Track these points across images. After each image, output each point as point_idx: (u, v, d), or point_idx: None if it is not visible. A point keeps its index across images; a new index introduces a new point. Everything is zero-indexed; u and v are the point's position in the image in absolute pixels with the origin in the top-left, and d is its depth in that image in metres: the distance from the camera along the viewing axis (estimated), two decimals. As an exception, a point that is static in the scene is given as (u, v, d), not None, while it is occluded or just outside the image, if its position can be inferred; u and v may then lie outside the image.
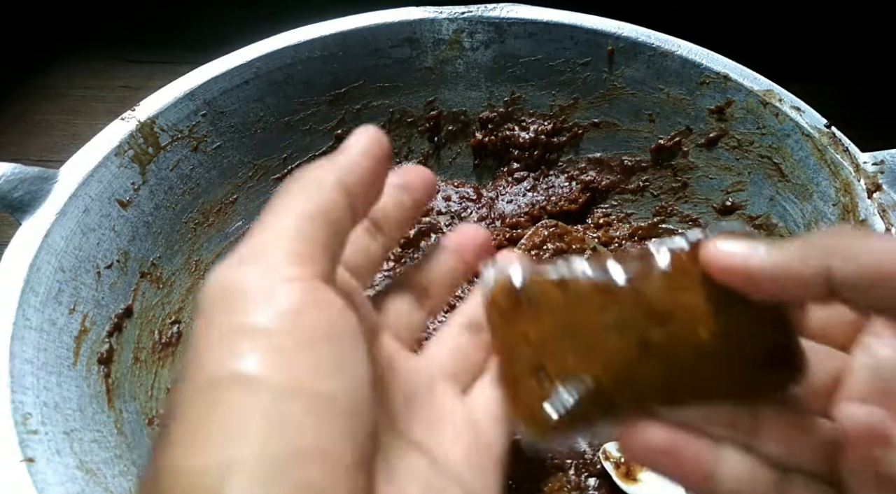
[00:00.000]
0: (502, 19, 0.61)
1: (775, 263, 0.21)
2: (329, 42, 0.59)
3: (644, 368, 0.23)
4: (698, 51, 0.57)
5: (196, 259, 0.56)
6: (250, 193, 0.60)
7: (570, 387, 0.23)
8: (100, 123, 0.51)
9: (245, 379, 0.18)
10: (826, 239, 0.20)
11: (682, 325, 0.23)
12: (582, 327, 0.24)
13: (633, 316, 0.23)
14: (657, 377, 0.23)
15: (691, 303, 0.23)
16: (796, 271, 0.20)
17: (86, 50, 0.89)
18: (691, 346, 0.23)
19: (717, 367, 0.23)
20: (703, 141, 0.59)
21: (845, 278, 0.20)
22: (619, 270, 0.24)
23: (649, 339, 0.23)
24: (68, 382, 0.42)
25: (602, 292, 0.24)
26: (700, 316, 0.23)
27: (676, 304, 0.23)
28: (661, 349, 0.23)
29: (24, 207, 0.45)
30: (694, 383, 0.23)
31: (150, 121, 0.52)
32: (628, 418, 0.23)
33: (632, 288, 0.24)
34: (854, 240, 0.20)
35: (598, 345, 0.23)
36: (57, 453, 0.37)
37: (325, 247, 0.21)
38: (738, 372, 0.23)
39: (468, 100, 0.65)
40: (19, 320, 0.40)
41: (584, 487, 0.49)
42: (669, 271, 0.24)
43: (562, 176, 0.66)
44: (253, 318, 0.19)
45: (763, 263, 0.21)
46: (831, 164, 0.50)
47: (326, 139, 0.63)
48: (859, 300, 0.20)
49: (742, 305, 0.23)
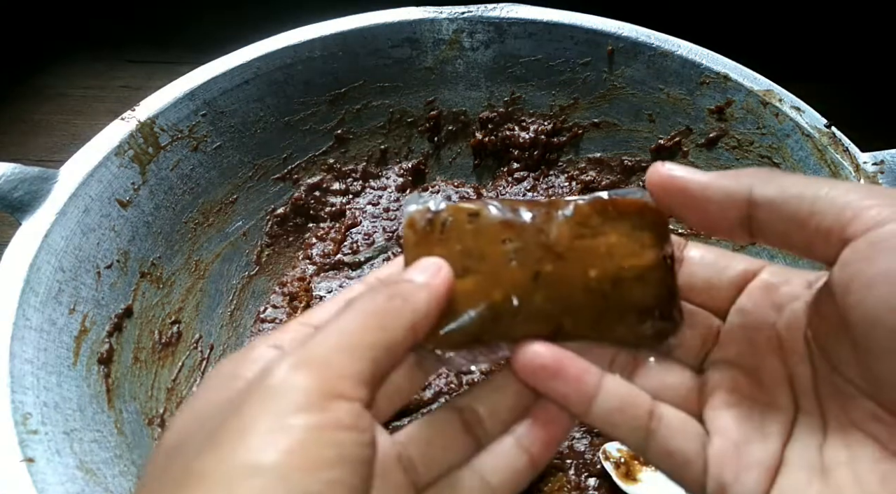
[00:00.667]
0: (502, 19, 0.61)
1: (709, 178, 0.24)
2: (329, 42, 0.59)
3: (536, 296, 0.26)
4: (698, 51, 0.57)
5: (196, 259, 0.56)
6: (250, 193, 0.60)
7: (465, 305, 0.25)
8: (100, 123, 0.51)
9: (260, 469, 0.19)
10: (753, 169, 0.24)
11: (575, 263, 0.26)
12: (485, 254, 0.26)
13: (532, 249, 0.26)
14: (547, 306, 0.26)
15: (586, 246, 0.26)
16: (725, 185, 0.24)
17: (86, 50, 0.89)
18: (581, 283, 0.26)
19: (602, 307, 0.26)
20: (703, 141, 0.59)
21: (763, 195, 0.23)
22: (526, 211, 0.27)
23: (542, 270, 0.26)
24: (68, 382, 0.42)
25: (508, 226, 0.27)
26: (592, 259, 0.26)
27: (572, 246, 0.26)
28: (553, 281, 0.26)
29: (24, 207, 0.45)
30: (581, 318, 0.26)
31: (150, 121, 0.52)
32: (520, 342, 0.26)
33: (535, 225, 0.27)
34: (773, 171, 0.24)
35: (497, 271, 0.26)
36: (57, 453, 0.37)
37: (379, 377, 0.23)
38: (621, 316, 0.26)
39: (468, 100, 0.65)
40: (19, 320, 0.40)
41: (584, 487, 0.49)
42: (571, 217, 0.27)
43: (562, 176, 0.66)
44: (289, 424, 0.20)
45: (700, 178, 0.25)
46: (831, 164, 0.50)
47: (326, 139, 0.63)
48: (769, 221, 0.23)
49: (632, 258, 0.26)
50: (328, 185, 0.64)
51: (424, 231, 0.27)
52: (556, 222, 0.27)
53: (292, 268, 0.62)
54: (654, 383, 0.27)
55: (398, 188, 0.65)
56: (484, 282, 0.26)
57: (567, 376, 0.25)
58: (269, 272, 0.61)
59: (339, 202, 0.64)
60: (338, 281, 0.59)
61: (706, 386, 0.27)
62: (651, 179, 0.26)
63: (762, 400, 0.25)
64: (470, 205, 0.27)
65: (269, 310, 0.60)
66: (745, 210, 0.24)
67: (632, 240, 0.26)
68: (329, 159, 0.64)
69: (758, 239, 0.24)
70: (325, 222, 0.63)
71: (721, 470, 0.24)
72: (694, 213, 0.25)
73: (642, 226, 0.27)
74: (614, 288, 0.26)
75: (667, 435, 0.25)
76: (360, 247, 0.61)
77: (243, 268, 0.60)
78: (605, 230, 0.26)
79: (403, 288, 0.25)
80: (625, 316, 0.26)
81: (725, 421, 0.25)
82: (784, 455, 0.24)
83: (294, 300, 0.59)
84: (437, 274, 0.25)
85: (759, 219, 0.23)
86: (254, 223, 0.61)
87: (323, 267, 0.61)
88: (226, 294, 0.58)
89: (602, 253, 0.26)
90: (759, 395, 0.26)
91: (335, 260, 0.61)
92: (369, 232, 0.62)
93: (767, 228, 0.24)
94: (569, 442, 0.51)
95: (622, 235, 0.26)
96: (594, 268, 0.26)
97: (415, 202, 0.27)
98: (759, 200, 0.23)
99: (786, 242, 0.24)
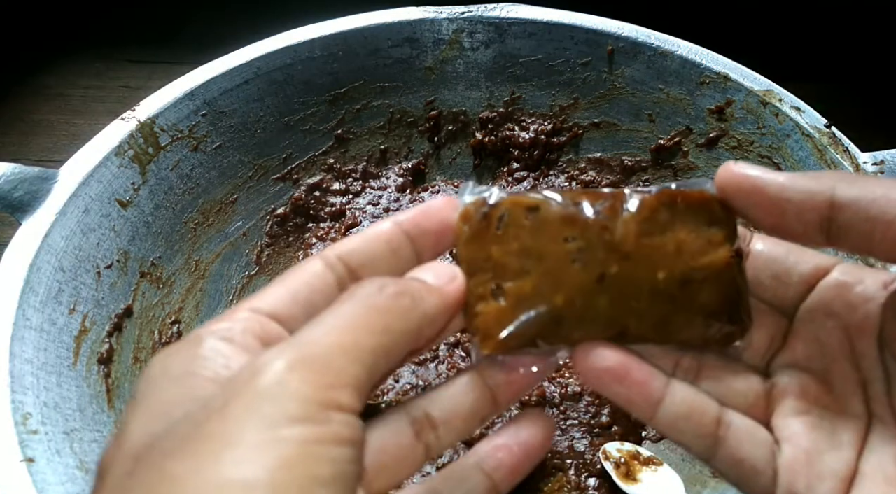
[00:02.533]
0: (502, 19, 0.61)
1: (787, 178, 0.23)
2: (329, 42, 0.59)
3: (599, 300, 0.24)
4: (698, 51, 0.57)
5: (196, 259, 0.56)
6: (250, 193, 0.60)
7: (525, 308, 0.24)
8: (100, 123, 0.51)
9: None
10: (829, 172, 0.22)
11: (642, 264, 0.24)
12: (545, 253, 0.24)
13: (596, 249, 0.25)
14: (611, 310, 0.24)
15: (655, 245, 0.25)
16: (805, 186, 0.22)
17: (86, 50, 0.89)
18: (648, 286, 0.24)
19: (668, 310, 0.25)
20: (703, 141, 0.59)
21: (847, 196, 0.22)
22: (589, 206, 0.25)
23: (608, 272, 0.24)
24: (68, 382, 0.42)
25: (570, 223, 0.25)
26: (660, 258, 0.25)
27: (640, 244, 0.25)
28: (619, 283, 0.24)
29: (24, 207, 0.45)
30: (646, 321, 0.25)
31: (150, 121, 0.52)
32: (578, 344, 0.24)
33: (599, 222, 0.25)
34: (852, 174, 0.22)
35: (558, 272, 0.24)
36: (57, 453, 0.37)
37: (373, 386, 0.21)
38: (688, 319, 0.25)
39: (468, 100, 0.65)
40: (19, 320, 0.40)
41: (584, 487, 0.49)
42: (638, 212, 0.25)
43: (562, 176, 0.66)
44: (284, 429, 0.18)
45: (777, 178, 0.23)
46: (831, 164, 0.50)
47: (326, 139, 0.63)
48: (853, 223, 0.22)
49: (702, 256, 0.25)
50: (328, 185, 0.64)
51: (480, 225, 0.25)
52: (622, 218, 0.25)
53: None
54: (721, 388, 0.26)
55: (398, 188, 0.65)
56: (544, 285, 0.24)
57: (632, 381, 0.24)
58: (269, 272, 0.61)
59: (339, 202, 0.64)
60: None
61: (774, 390, 0.26)
62: (722, 178, 0.24)
63: (834, 407, 0.24)
64: (530, 197, 0.25)
65: (269, 310, 0.60)
66: (825, 212, 0.22)
67: (700, 237, 0.25)
68: (329, 159, 0.64)
69: (836, 243, 0.23)
70: (325, 222, 0.63)
71: (792, 480, 0.23)
72: (769, 215, 0.23)
73: (711, 220, 0.25)
74: (682, 290, 0.25)
75: (735, 443, 0.24)
76: (360, 246, 0.61)
77: (243, 268, 0.60)
78: (674, 225, 0.25)
79: (413, 287, 0.22)
80: (692, 318, 0.25)
81: (796, 429, 0.24)
82: (858, 465, 0.23)
83: (294, 300, 0.59)
84: (451, 281, 0.24)
85: (841, 221, 0.22)
86: (254, 223, 0.61)
87: (323, 267, 0.61)
88: (226, 294, 0.58)
89: (670, 251, 0.25)
90: (830, 401, 0.25)
91: (335, 260, 0.61)
92: (369, 232, 0.62)
93: (850, 231, 0.22)
94: (569, 442, 0.51)
95: (691, 231, 0.25)
96: (662, 270, 0.25)
97: (470, 192, 0.25)
98: (842, 201, 0.22)
99: (867, 246, 0.22)
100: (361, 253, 0.24)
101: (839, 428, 0.24)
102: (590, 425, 0.52)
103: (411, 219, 0.24)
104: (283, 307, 0.22)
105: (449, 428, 0.24)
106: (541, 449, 0.25)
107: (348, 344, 0.20)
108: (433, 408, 0.24)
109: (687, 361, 0.26)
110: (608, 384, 0.24)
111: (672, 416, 0.24)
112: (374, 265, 0.24)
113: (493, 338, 0.24)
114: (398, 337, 0.21)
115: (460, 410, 0.24)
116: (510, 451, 0.24)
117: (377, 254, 0.24)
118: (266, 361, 0.19)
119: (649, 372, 0.24)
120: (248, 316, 0.22)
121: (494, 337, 0.24)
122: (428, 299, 0.23)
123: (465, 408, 0.24)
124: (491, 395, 0.24)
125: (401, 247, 0.24)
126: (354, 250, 0.24)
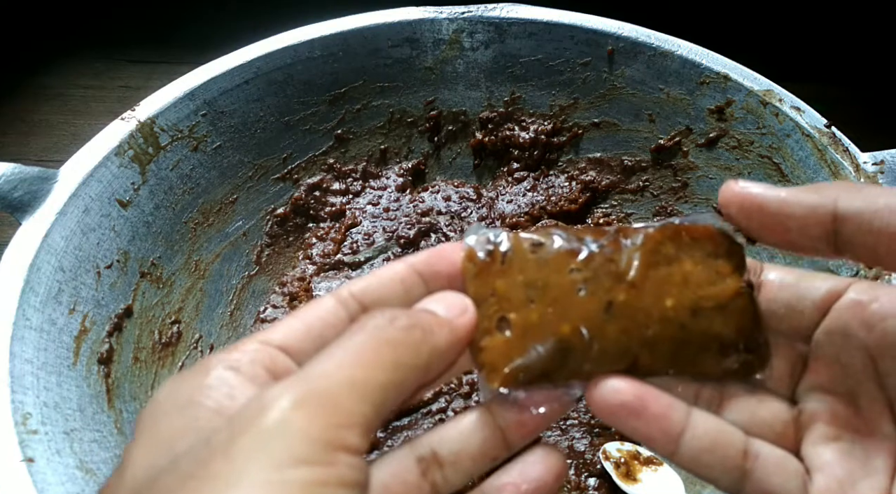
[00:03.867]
0: (502, 19, 0.61)
1: (788, 194, 0.23)
2: (329, 42, 0.59)
3: (609, 328, 0.24)
4: (698, 51, 0.57)
5: (196, 259, 0.56)
6: (250, 193, 0.60)
7: (531, 338, 0.24)
8: (100, 123, 0.51)
9: None
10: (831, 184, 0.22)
11: (650, 292, 0.24)
12: (551, 284, 0.24)
13: (602, 279, 0.24)
14: (621, 339, 0.24)
15: (661, 275, 0.24)
16: (807, 200, 0.22)
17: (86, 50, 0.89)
18: (657, 313, 0.24)
19: (681, 339, 0.24)
20: (703, 141, 0.59)
21: (850, 208, 0.22)
22: (592, 241, 0.25)
23: (615, 300, 0.24)
24: (68, 382, 0.42)
25: (574, 255, 0.25)
26: (668, 287, 0.24)
27: (645, 274, 0.24)
28: (627, 311, 0.24)
29: (24, 207, 0.45)
30: (659, 352, 0.24)
31: (150, 121, 0.52)
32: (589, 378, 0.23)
33: (603, 254, 0.25)
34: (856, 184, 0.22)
35: (564, 301, 0.24)
36: (57, 453, 0.37)
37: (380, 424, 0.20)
38: (703, 349, 0.24)
39: (468, 100, 0.65)
40: (19, 320, 0.40)
41: (584, 487, 0.49)
42: (641, 245, 0.25)
43: (562, 176, 0.66)
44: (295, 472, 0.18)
45: (778, 194, 0.23)
46: (831, 164, 0.50)
47: (326, 139, 0.63)
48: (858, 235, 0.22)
49: (710, 286, 0.24)
50: (328, 185, 0.64)
51: (484, 262, 0.25)
52: (626, 250, 0.25)
53: (292, 268, 0.62)
54: (746, 417, 0.25)
55: (398, 188, 0.65)
56: (551, 315, 0.24)
57: (650, 414, 0.23)
58: (269, 272, 0.61)
59: (339, 202, 0.64)
60: (338, 281, 0.59)
61: (802, 417, 0.25)
62: (724, 197, 0.24)
63: (863, 430, 0.24)
64: (533, 234, 0.25)
65: (269, 310, 0.60)
66: (829, 225, 0.22)
67: (708, 268, 0.25)
68: (329, 159, 0.64)
69: (844, 255, 0.23)
70: (325, 222, 0.63)
71: None
72: (773, 232, 0.23)
73: (717, 253, 0.25)
74: (693, 319, 0.24)
75: (764, 475, 0.23)
76: (360, 247, 0.62)
77: (243, 268, 0.60)
78: (680, 257, 0.25)
79: (424, 319, 0.22)
80: (707, 348, 0.24)
81: (827, 457, 0.23)
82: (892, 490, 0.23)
83: (294, 300, 0.59)
84: (462, 313, 0.23)
85: (846, 233, 0.22)
86: (254, 223, 0.61)
87: (323, 267, 0.61)
88: (226, 294, 0.58)
89: (678, 281, 0.24)
90: (859, 424, 0.24)
91: (335, 260, 0.61)
92: (369, 232, 0.62)
93: (856, 242, 0.22)
94: (569, 442, 0.51)
95: (697, 263, 0.25)
96: (670, 298, 0.24)
97: (474, 232, 0.25)
98: (845, 213, 0.22)
99: (875, 257, 0.22)
100: (375, 292, 0.24)
101: (871, 453, 0.23)
102: (590, 425, 0.52)
103: (424, 260, 0.25)
104: (294, 340, 0.22)
105: (456, 468, 0.23)
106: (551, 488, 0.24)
107: (358, 381, 0.19)
108: (441, 447, 0.23)
109: (708, 391, 0.25)
110: (625, 419, 0.23)
111: (695, 450, 0.23)
112: (387, 304, 0.23)
113: (500, 371, 0.23)
114: (408, 371, 0.21)
115: (469, 449, 0.23)
116: (518, 490, 0.23)
117: (390, 294, 0.24)
118: (272, 397, 0.19)
119: (668, 404, 0.23)
120: (257, 348, 0.22)
121: (501, 369, 0.23)
122: (438, 332, 0.22)
123: (474, 448, 0.23)
124: (501, 435, 0.24)
125: (414, 287, 0.24)
126: (367, 288, 0.24)
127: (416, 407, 0.51)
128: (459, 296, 0.24)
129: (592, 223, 0.65)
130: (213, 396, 0.20)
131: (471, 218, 0.64)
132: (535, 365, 0.23)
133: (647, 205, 0.64)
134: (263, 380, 0.21)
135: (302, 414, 0.18)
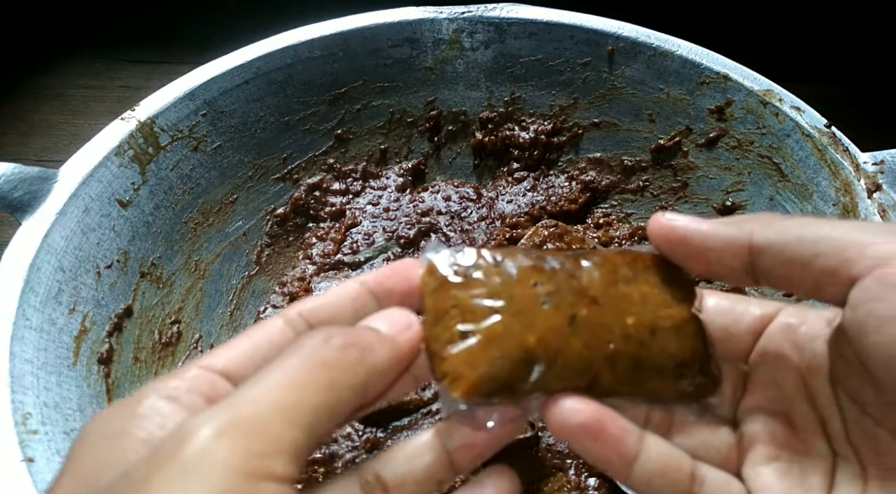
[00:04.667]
0: (502, 19, 0.61)
1: (709, 227, 0.24)
2: (329, 42, 0.59)
3: (573, 341, 0.24)
4: (698, 51, 0.57)
5: (196, 259, 0.56)
6: (250, 193, 0.60)
7: (496, 347, 0.23)
8: (100, 123, 0.51)
9: None
10: (754, 215, 0.24)
11: (611, 309, 0.25)
12: (515, 297, 0.24)
13: (565, 293, 0.25)
14: (585, 353, 0.24)
15: (621, 293, 0.25)
16: (725, 233, 0.24)
17: (86, 50, 0.89)
18: (619, 329, 0.24)
19: (640, 357, 0.24)
20: (703, 141, 0.59)
21: (764, 241, 0.23)
22: (553, 259, 0.26)
23: (578, 314, 0.24)
24: (68, 382, 0.42)
25: (537, 271, 0.25)
26: (628, 305, 0.25)
27: (607, 291, 0.25)
28: (590, 325, 0.24)
29: (24, 207, 0.45)
30: (618, 370, 0.24)
31: (150, 121, 0.52)
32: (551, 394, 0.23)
33: (565, 270, 0.25)
34: (774, 216, 0.24)
35: (529, 313, 0.24)
36: (57, 453, 0.37)
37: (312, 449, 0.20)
38: (660, 370, 0.25)
39: (468, 100, 0.65)
40: (19, 320, 0.40)
41: (584, 487, 0.48)
42: (601, 265, 0.26)
43: (562, 176, 0.66)
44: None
45: (700, 227, 0.24)
46: (831, 164, 0.50)
47: (326, 139, 0.63)
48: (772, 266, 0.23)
49: (666, 308, 0.25)
50: (328, 185, 0.64)
51: (445, 277, 0.24)
52: (587, 269, 0.25)
53: (292, 268, 0.62)
54: (693, 442, 0.25)
55: (398, 188, 0.65)
56: (516, 326, 0.23)
57: (608, 436, 0.23)
58: (269, 272, 0.61)
59: (339, 202, 0.64)
60: (338, 281, 0.59)
61: (744, 439, 0.26)
62: (652, 230, 0.25)
63: (800, 449, 0.25)
64: (495, 251, 0.25)
65: (269, 310, 0.60)
66: (746, 256, 0.23)
67: (663, 292, 0.26)
68: (329, 159, 0.64)
69: (762, 283, 0.24)
70: (325, 222, 0.63)
71: None
72: (697, 263, 0.25)
73: (670, 280, 0.26)
74: (652, 337, 0.25)
75: None
76: (360, 246, 0.62)
77: (243, 268, 0.60)
78: (637, 279, 0.26)
79: (363, 336, 0.21)
80: (663, 369, 0.25)
81: (766, 478, 0.24)
82: None
83: (294, 300, 0.59)
84: (405, 329, 0.23)
85: (762, 264, 0.23)
86: (254, 223, 0.61)
87: (323, 267, 0.61)
88: (226, 294, 0.58)
89: (637, 300, 0.25)
90: (796, 444, 0.25)
91: (335, 260, 0.61)
92: (369, 232, 0.62)
93: (771, 273, 0.23)
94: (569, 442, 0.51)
95: (653, 286, 0.26)
96: (631, 315, 0.25)
97: (433, 249, 0.25)
98: (760, 246, 0.23)
99: (791, 285, 0.23)
100: (324, 311, 0.23)
101: (808, 472, 0.24)
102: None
103: (376, 278, 0.24)
104: (237, 364, 0.22)
105: (401, 492, 0.23)
106: None
107: (287, 404, 0.19)
108: (385, 471, 0.23)
109: (658, 415, 0.26)
110: (582, 441, 0.23)
111: (648, 474, 0.23)
112: (336, 323, 0.23)
113: (465, 379, 0.23)
114: (344, 392, 0.20)
115: (414, 473, 0.23)
116: None
117: (340, 313, 0.23)
118: (194, 427, 0.18)
119: (624, 428, 0.23)
120: (197, 374, 0.21)
121: (466, 377, 0.23)
122: (379, 350, 0.21)
123: (419, 471, 0.23)
124: (448, 459, 0.23)
125: (365, 307, 0.24)
126: (316, 308, 0.23)
127: (416, 407, 0.51)
128: (404, 312, 0.23)
129: (592, 223, 0.65)
130: (145, 426, 0.19)
131: (471, 218, 0.64)
132: (499, 375, 0.23)
133: (647, 205, 0.64)
134: (200, 408, 0.20)
135: (224, 444, 0.17)
